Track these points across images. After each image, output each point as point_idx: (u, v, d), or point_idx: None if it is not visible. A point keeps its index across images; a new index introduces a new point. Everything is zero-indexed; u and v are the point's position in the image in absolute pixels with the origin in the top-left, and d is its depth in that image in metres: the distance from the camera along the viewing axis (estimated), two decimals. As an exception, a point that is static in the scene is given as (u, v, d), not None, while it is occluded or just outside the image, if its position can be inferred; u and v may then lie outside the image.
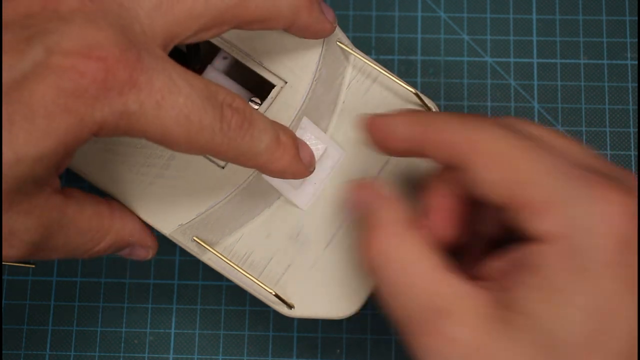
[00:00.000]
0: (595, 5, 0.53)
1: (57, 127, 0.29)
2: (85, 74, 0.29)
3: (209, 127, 0.32)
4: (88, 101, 0.30)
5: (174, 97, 0.31)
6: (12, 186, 0.30)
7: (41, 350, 0.49)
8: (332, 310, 0.41)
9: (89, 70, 0.30)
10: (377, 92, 0.43)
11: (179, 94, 0.32)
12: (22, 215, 0.31)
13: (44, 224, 0.32)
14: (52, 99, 0.29)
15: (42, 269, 0.50)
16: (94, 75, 0.30)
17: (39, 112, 0.29)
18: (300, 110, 0.41)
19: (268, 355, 0.48)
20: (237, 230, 0.41)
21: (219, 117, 0.33)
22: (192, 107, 0.32)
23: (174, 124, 0.32)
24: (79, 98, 0.30)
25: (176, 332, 0.49)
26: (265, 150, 0.35)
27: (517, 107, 0.51)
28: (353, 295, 0.41)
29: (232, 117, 0.33)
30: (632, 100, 0.51)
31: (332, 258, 0.41)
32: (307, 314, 0.41)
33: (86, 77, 0.30)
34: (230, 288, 0.49)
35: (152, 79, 0.31)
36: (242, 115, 0.34)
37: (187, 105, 0.32)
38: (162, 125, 0.31)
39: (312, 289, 0.41)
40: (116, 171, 0.40)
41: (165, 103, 0.31)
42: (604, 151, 0.50)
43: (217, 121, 0.33)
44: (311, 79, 0.41)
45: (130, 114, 0.31)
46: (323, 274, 0.41)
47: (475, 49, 0.52)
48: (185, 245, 0.41)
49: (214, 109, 0.33)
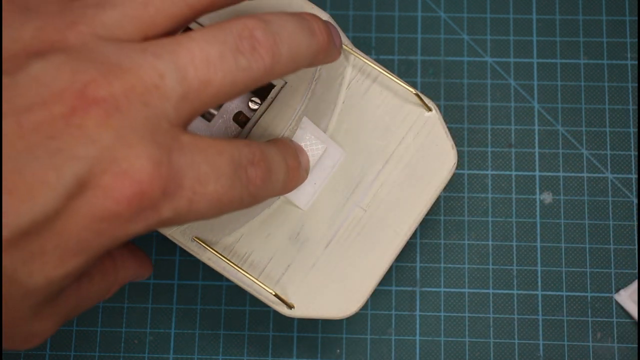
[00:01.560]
0: (595, 5, 0.53)
1: (89, 248, 0.29)
2: (120, 200, 0.28)
3: (237, 198, 0.32)
4: (122, 224, 0.29)
5: (203, 187, 0.31)
6: (40, 301, 0.30)
7: (41, 350, 0.49)
8: (332, 310, 0.41)
9: (123, 197, 0.28)
10: (377, 92, 0.43)
11: (208, 182, 0.31)
12: (45, 320, 0.31)
13: (63, 318, 0.32)
14: (85, 225, 0.28)
15: (42, 269, 0.50)
16: (129, 200, 0.28)
17: (71, 241, 0.28)
18: (300, 110, 0.41)
19: (268, 355, 0.48)
20: (237, 230, 0.41)
21: (246, 184, 0.33)
22: (222, 190, 0.32)
23: (206, 210, 0.31)
24: (113, 222, 0.29)
25: (176, 332, 0.49)
26: (282, 186, 0.36)
27: (517, 107, 0.51)
28: (353, 295, 0.41)
29: (256, 176, 0.33)
30: (632, 100, 0.51)
31: (332, 258, 0.41)
32: (307, 314, 0.41)
33: (121, 203, 0.28)
34: (230, 288, 0.49)
35: (182, 181, 0.30)
36: (263, 168, 0.34)
37: (217, 190, 0.31)
38: (195, 216, 0.31)
39: (312, 289, 0.41)
40: (116, 171, 0.40)
41: (196, 197, 0.31)
42: (604, 151, 0.50)
43: (244, 189, 0.33)
44: (311, 78, 0.41)
45: (164, 221, 0.30)
46: (323, 274, 0.41)
47: (475, 49, 0.52)
48: (185, 245, 0.41)
49: (241, 179, 0.32)
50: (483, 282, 0.49)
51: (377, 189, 0.42)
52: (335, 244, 0.42)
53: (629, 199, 0.50)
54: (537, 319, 0.49)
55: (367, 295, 0.41)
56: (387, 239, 0.42)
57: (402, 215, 0.42)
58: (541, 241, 0.49)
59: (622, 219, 0.50)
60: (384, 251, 0.41)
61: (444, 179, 0.42)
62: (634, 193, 0.50)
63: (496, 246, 0.49)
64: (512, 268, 0.49)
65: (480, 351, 0.48)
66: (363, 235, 0.42)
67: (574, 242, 0.49)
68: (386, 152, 0.42)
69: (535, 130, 0.51)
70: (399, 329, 0.49)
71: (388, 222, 0.42)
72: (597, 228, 0.50)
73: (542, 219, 0.50)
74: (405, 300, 0.49)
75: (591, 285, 0.49)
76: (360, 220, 0.42)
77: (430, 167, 0.42)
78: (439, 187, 0.42)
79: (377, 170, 0.42)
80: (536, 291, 0.49)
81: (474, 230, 0.50)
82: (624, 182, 0.50)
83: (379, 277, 0.41)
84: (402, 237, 0.42)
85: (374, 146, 0.42)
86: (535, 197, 0.50)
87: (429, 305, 0.49)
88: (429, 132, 0.43)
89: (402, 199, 0.42)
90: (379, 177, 0.42)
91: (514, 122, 0.51)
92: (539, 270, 0.49)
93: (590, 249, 0.49)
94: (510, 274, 0.49)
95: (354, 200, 0.42)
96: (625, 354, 0.48)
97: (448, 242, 0.50)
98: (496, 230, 0.50)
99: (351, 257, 0.41)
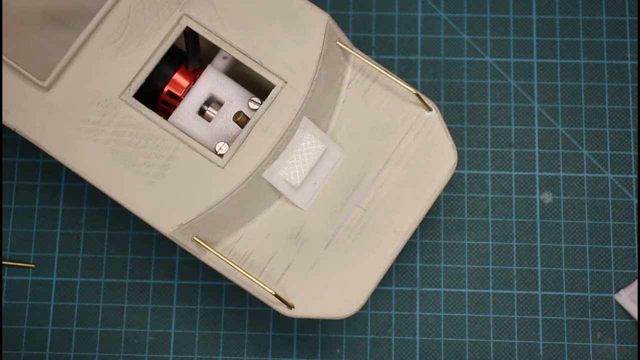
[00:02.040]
0: (595, 5, 0.53)
1: None
2: None
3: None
4: None
5: None
6: None
7: (41, 350, 0.49)
8: (332, 310, 0.41)
9: None
10: (377, 92, 0.43)
11: None
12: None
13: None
14: None
15: (42, 269, 0.50)
16: None
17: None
18: (300, 110, 0.41)
19: (268, 355, 0.48)
20: (237, 230, 0.41)
21: None
22: None
23: None
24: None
25: (176, 332, 0.49)
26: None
27: (517, 107, 0.51)
28: (353, 295, 0.41)
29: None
30: (632, 100, 0.51)
31: (332, 258, 0.41)
32: (307, 314, 0.41)
33: None
34: (230, 288, 0.49)
35: None
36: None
37: None
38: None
39: (312, 289, 0.41)
40: (116, 171, 0.40)
41: None
42: (604, 151, 0.50)
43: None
44: (311, 79, 0.41)
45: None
46: (323, 274, 0.41)
47: (475, 49, 0.52)
48: (185, 245, 0.41)
49: None
50: (483, 282, 0.49)
51: (377, 188, 0.42)
52: (335, 244, 0.42)
53: (629, 199, 0.50)
54: (537, 319, 0.49)
55: (367, 295, 0.41)
56: (387, 239, 0.42)
57: (402, 215, 0.42)
58: (541, 241, 0.49)
59: (622, 219, 0.50)
60: (384, 251, 0.41)
61: (444, 179, 0.42)
62: (634, 193, 0.50)
63: (496, 246, 0.49)
64: (512, 268, 0.49)
65: (480, 351, 0.48)
66: (363, 235, 0.42)
67: (574, 242, 0.49)
68: (386, 152, 0.42)
69: (535, 130, 0.51)
70: (399, 329, 0.49)
71: (388, 222, 0.42)
72: (597, 228, 0.50)
73: (542, 219, 0.50)
74: (405, 300, 0.49)
75: (591, 285, 0.49)
76: (360, 220, 0.42)
77: (430, 167, 0.42)
78: (439, 187, 0.42)
79: (377, 170, 0.42)
80: (536, 291, 0.49)
81: (474, 230, 0.50)
82: (624, 182, 0.50)
83: (379, 277, 0.41)
84: (402, 237, 0.42)
85: (374, 146, 0.42)
86: (535, 197, 0.50)
87: (429, 305, 0.49)
88: (429, 132, 0.43)
89: (402, 198, 0.42)
90: (379, 177, 0.42)
91: (514, 122, 0.51)
92: (539, 270, 0.49)
93: (590, 249, 0.49)
94: (510, 274, 0.49)
95: (354, 200, 0.42)
96: (625, 354, 0.48)
97: (448, 242, 0.50)
98: (496, 230, 0.50)
99: (351, 257, 0.41)
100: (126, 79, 0.41)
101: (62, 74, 0.41)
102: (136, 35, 0.42)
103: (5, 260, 0.50)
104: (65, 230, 0.50)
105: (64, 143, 0.41)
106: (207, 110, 0.42)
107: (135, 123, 0.41)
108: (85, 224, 0.50)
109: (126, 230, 0.50)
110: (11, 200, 0.50)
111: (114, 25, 0.42)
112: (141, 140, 0.41)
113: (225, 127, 0.42)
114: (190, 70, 0.43)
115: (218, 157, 0.40)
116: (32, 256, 0.50)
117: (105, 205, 0.50)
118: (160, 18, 0.42)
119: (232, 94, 0.42)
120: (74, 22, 0.47)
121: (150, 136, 0.41)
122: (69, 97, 0.41)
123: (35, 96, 0.41)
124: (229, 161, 0.40)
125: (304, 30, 0.42)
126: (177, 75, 0.43)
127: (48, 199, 0.50)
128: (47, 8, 0.47)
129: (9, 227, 0.50)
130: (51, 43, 0.46)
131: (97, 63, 0.41)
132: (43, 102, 0.41)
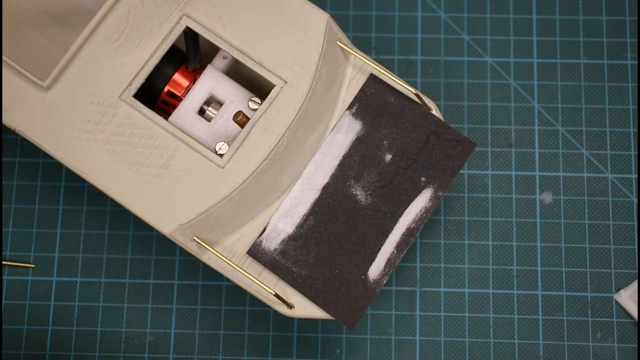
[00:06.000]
0: (595, 5, 0.53)
1: None
2: None
3: None
4: None
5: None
6: None
7: (41, 350, 0.49)
8: (332, 310, 0.41)
9: None
10: (377, 92, 0.43)
11: None
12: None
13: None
14: None
15: (42, 269, 0.50)
16: None
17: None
18: (300, 110, 0.41)
19: (268, 355, 0.48)
20: (237, 230, 0.41)
21: None
22: None
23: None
24: None
25: (176, 332, 0.49)
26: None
27: (517, 107, 0.51)
28: (353, 295, 0.41)
29: None
30: (632, 100, 0.51)
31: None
32: (307, 314, 0.41)
33: None
34: (230, 288, 0.49)
35: None
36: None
37: None
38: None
39: (312, 289, 0.41)
40: (116, 171, 0.40)
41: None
42: (604, 151, 0.50)
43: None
44: (311, 78, 0.41)
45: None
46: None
47: (475, 49, 0.52)
48: (185, 245, 0.41)
49: None
50: (483, 282, 0.49)
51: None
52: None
53: (629, 199, 0.50)
54: (537, 319, 0.49)
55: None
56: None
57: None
58: (541, 241, 0.49)
59: (622, 219, 0.50)
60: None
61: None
62: (634, 193, 0.50)
63: (496, 246, 0.49)
64: (512, 268, 0.49)
65: (480, 351, 0.48)
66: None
67: (574, 242, 0.49)
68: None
69: (535, 130, 0.51)
70: (399, 329, 0.49)
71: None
72: (597, 228, 0.50)
73: (542, 219, 0.50)
74: (405, 300, 0.49)
75: (591, 285, 0.49)
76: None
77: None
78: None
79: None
80: (536, 291, 0.49)
81: (474, 230, 0.50)
82: (624, 182, 0.50)
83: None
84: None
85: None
86: (535, 197, 0.50)
87: (429, 305, 0.49)
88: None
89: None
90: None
91: (514, 122, 0.51)
92: (539, 270, 0.49)
93: (590, 249, 0.49)
94: (510, 274, 0.49)
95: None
96: (625, 354, 0.48)
97: (448, 242, 0.50)
98: (496, 230, 0.50)
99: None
100: (126, 78, 0.41)
101: (62, 73, 0.41)
102: (136, 35, 0.42)
103: (5, 260, 0.50)
104: (65, 230, 0.50)
105: (64, 143, 0.41)
106: (207, 110, 0.42)
107: (135, 123, 0.41)
108: (85, 224, 0.50)
109: (126, 230, 0.50)
110: (11, 200, 0.50)
111: (114, 25, 0.42)
112: (141, 140, 0.41)
113: (225, 127, 0.42)
114: (190, 70, 0.43)
115: (218, 157, 0.40)
116: (32, 256, 0.50)
117: (105, 205, 0.50)
118: (160, 18, 0.42)
119: (232, 93, 0.42)
120: (74, 22, 0.47)
121: (150, 136, 0.41)
122: (69, 96, 0.41)
123: (35, 96, 0.41)
124: (229, 161, 0.40)
125: (304, 30, 0.42)
126: (177, 75, 0.43)
127: (48, 199, 0.50)
128: (47, 8, 0.47)
129: (9, 227, 0.50)
130: (51, 43, 0.46)
131: (97, 63, 0.42)
132: (43, 102, 0.41)
